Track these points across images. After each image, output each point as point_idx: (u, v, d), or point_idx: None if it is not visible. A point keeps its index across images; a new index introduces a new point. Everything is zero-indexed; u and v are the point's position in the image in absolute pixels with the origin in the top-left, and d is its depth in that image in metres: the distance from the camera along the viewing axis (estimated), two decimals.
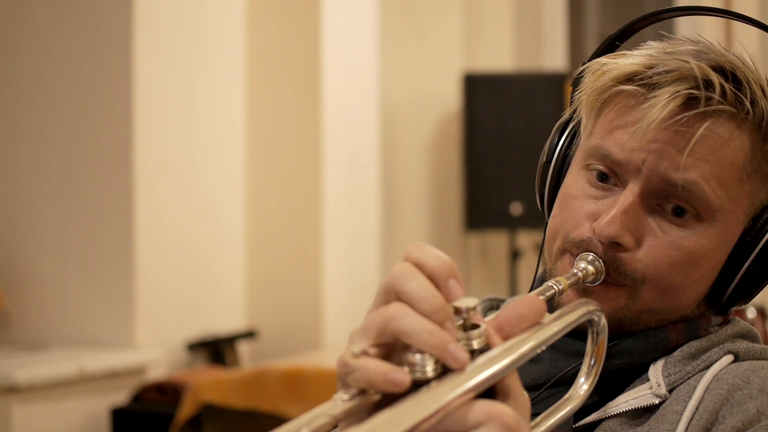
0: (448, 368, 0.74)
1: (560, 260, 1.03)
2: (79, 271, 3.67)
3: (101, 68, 3.65)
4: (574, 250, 1.01)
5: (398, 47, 4.77)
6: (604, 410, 0.99)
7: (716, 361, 1.01)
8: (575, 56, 4.90)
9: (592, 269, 0.99)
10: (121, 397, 3.49)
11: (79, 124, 3.69)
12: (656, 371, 1.01)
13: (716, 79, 0.96)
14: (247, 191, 4.15)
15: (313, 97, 4.08)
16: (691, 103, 0.97)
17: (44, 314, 3.72)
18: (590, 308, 0.92)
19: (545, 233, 1.08)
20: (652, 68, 0.98)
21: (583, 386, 0.93)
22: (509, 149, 4.48)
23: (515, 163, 4.44)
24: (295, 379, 3.30)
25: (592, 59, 1.09)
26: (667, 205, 0.99)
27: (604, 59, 1.03)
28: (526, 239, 4.70)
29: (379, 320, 0.76)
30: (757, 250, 1.02)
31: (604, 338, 0.94)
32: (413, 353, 0.74)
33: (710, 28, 3.94)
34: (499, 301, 1.19)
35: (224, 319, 4.02)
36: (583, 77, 1.06)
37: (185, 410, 3.27)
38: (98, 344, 3.61)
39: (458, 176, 4.67)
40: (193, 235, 3.87)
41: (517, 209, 4.43)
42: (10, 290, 3.76)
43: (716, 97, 0.96)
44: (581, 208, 1.02)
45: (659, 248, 0.99)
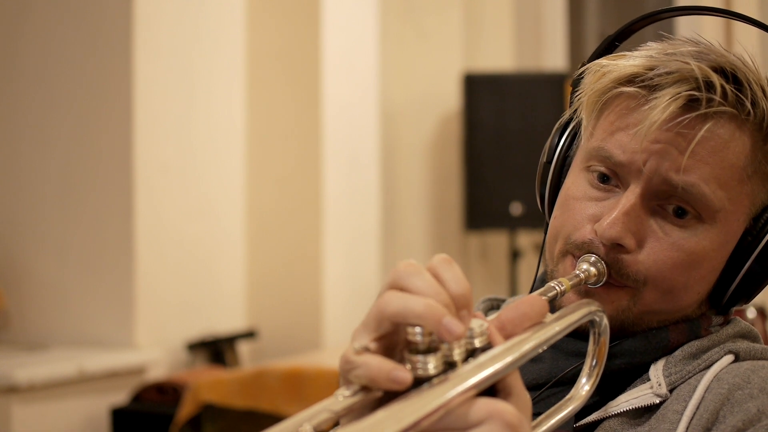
0: (449, 366, 0.74)
1: (562, 262, 1.03)
2: (79, 271, 3.67)
3: (101, 68, 3.65)
4: (576, 251, 1.01)
5: (398, 47, 4.77)
6: (604, 410, 0.99)
7: (717, 360, 1.01)
8: (575, 56, 4.90)
9: (594, 270, 0.99)
10: (121, 397, 3.49)
11: (79, 124, 3.69)
12: (657, 371, 1.01)
13: (717, 80, 0.96)
14: (247, 191, 4.15)
15: (313, 97, 4.08)
16: (692, 104, 0.96)
17: (44, 314, 3.72)
18: (592, 309, 0.92)
19: (546, 234, 1.08)
20: (652, 70, 0.98)
21: (584, 386, 0.93)
22: (509, 149, 4.48)
23: (515, 163, 4.44)
24: (295, 379, 3.30)
25: (591, 59, 1.09)
26: (668, 206, 0.99)
27: (604, 61, 1.03)
28: (526, 239, 4.70)
29: (375, 310, 0.76)
30: (758, 250, 1.02)
31: (605, 339, 0.94)
32: (415, 351, 0.74)
33: (710, 28, 3.94)
34: (499, 301, 1.19)
35: (224, 319, 4.02)
36: (582, 78, 1.06)
37: (185, 410, 3.27)
38: (98, 344, 3.61)
39: (458, 176, 4.67)
40: (193, 235, 3.86)
41: (517, 209, 4.43)
42: (10, 290, 3.76)
43: (717, 98, 0.96)
44: (583, 209, 1.02)
45: (661, 249, 0.99)
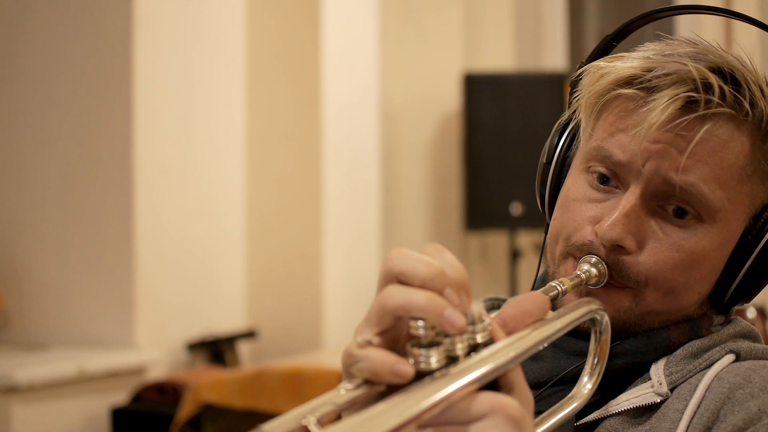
0: (452, 360, 0.74)
1: (563, 264, 1.03)
2: (79, 271, 3.67)
3: (101, 68, 3.65)
4: (576, 253, 1.01)
5: (398, 47, 4.77)
6: (605, 408, 1.00)
7: (718, 360, 1.01)
8: (575, 56, 4.90)
9: (595, 271, 0.99)
10: (121, 397, 3.49)
11: (79, 124, 3.69)
12: (658, 370, 1.01)
13: (715, 81, 0.96)
14: (247, 191, 4.15)
15: (313, 97, 4.08)
16: (690, 106, 0.97)
17: (44, 314, 3.72)
18: (593, 307, 0.93)
19: (546, 235, 1.08)
20: (650, 71, 0.98)
21: (586, 385, 0.93)
22: (509, 149, 4.48)
23: (515, 163, 4.44)
24: (295, 379, 3.30)
25: (589, 59, 1.09)
26: (668, 206, 0.99)
27: (602, 62, 1.03)
28: (526, 239, 4.70)
29: (376, 305, 0.76)
30: (758, 249, 1.02)
31: (607, 337, 0.94)
32: (418, 345, 0.74)
33: (710, 27, 3.94)
34: (500, 300, 1.20)
35: (224, 319, 4.02)
36: (581, 79, 1.06)
37: (185, 410, 3.27)
38: (98, 344, 3.61)
39: (458, 176, 4.67)
40: (193, 235, 3.86)
41: (517, 209, 4.43)
42: (10, 290, 3.76)
43: (715, 99, 0.96)
44: (583, 211, 1.02)
45: (661, 250, 0.99)
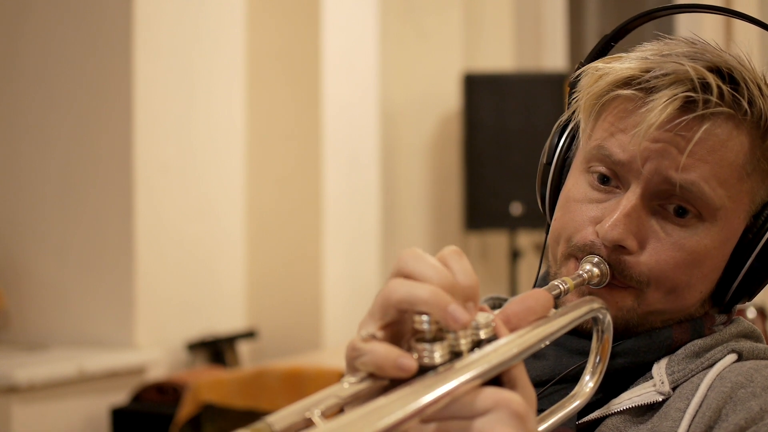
0: (455, 355, 0.74)
1: (565, 265, 1.03)
2: (79, 271, 3.67)
3: (101, 68, 3.65)
4: (578, 254, 1.02)
5: (398, 47, 4.77)
6: (607, 407, 1.00)
7: (720, 359, 1.01)
8: (575, 56, 4.90)
9: (597, 271, 0.99)
10: (121, 397, 3.49)
11: (79, 124, 3.69)
12: (660, 369, 1.01)
13: (713, 80, 0.96)
14: (247, 191, 4.15)
15: (313, 97, 4.07)
16: (688, 106, 0.97)
17: (44, 314, 3.72)
18: (594, 306, 0.93)
19: (547, 235, 1.08)
20: (648, 72, 0.98)
21: (588, 383, 0.93)
22: (509, 149, 4.48)
23: (515, 163, 4.44)
24: (295, 379, 3.30)
25: (588, 59, 1.09)
26: (669, 205, 0.99)
27: (600, 64, 1.03)
28: (526, 239, 4.70)
29: (380, 298, 0.76)
30: (759, 247, 1.02)
31: (609, 336, 0.94)
32: (421, 340, 0.74)
33: (710, 26, 3.94)
34: (501, 300, 1.20)
35: (224, 319, 4.02)
36: (579, 80, 1.06)
37: (185, 410, 3.27)
38: (98, 344, 3.61)
39: (458, 176, 4.67)
40: (193, 235, 3.86)
41: (517, 209, 4.43)
42: (10, 290, 3.76)
43: (714, 99, 0.96)
44: (584, 211, 1.02)
45: (663, 249, 0.99)
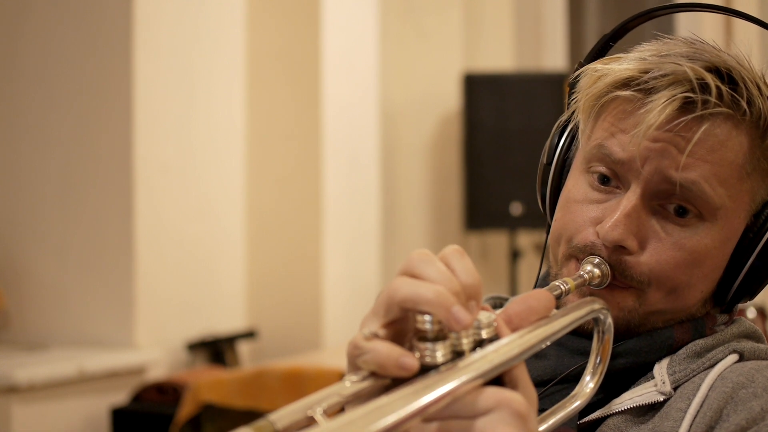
0: (457, 355, 0.74)
1: (566, 266, 1.03)
2: (79, 271, 3.67)
3: (101, 68, 3.65)
4: (579, 255, 1.02)
5: (398, 47, 4.76)
6: (608, 407, 1.00)
7: (721, 359, 1.01)
8: (575, 56, 4.90)
9: (598, 272, 0.99)
10: (121, 397, 3.49)
11: (79, 124, 3.69)
12: (661, 369, 1.01)
13: (711, 81, 0.96)
14: (247, 191, 4.15)
15: (313, 97, 4.07)
16: (687, 106, 0.97)
17: (44, 314, 3.72)
18: (595, 306, 0.93)
19: (548, 235, 1.08)
20: (647, 73, 0.98)
21: (588, 384, 0.93)
22: (509, 149, 4.48)
23: (515, 163, 4.44)
24: (295, 379, 3.29)
25: (587, 59, 1.09)
26: (669, 205, 0.99)
27: (598, 65, 1.03)
28: (526, 239, 4.70)
29: (384, 296, 0.76)
30: (759, 246, 1.02)
31: (609, 337, 0.94)
32: (424, 339, 0.74)
33: (710, 25, 3.94)
34: (502, 299, 1.20)
35: (224, 319, 4.02)
36: (578, 80, 1.06)
37: (185, 410, 3.27)
38: (98, 344, 3.61)
39: (458, 176, 4.67)
40: (193, 235, 3.86)
41: (517, 209, 4.43)
42: (10, 290, 3.76)
43: (713, 99, 0.96)
44: (584, 212, 1.02)
45: (663, 249, 0.99)
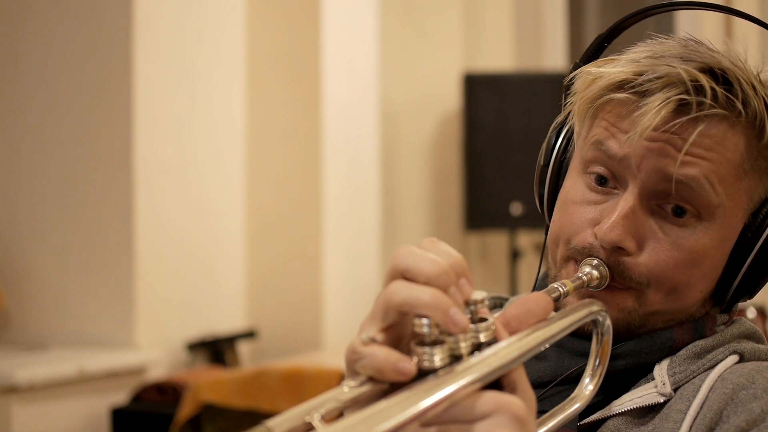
0: (456, 359, 0.74)
1: (565, 267, 1.03)
2: (79, 271, 3.67)
3: (101, 68, 3.65)
4: (577, 256, 1.02)
5: (398, 47, 4.76)
6: (608, 408, 1.00)
7: (721, 360, 1.01)
8: (575, 56, 4.88)
9: (596, 273, 0.99)
10: (121, 397, 3.49)
11: (79, 124, 3.69)
12: (661, 370, 1.01)
13: (706, 82, 0.96)
14: (247, 191, 4.15)
15: (313, 97, 4.07)
16: (682, 108, 0.96)
17: (44, 314, 3.72)
18: (594, 309, 0.93)
19: (546, 236, 1.08)
20: (641, 75, 0.98)
21: (588, 386, 0.93)
22: (509, 149, 4.48)
23: (515, 163, 4.43)
24: (295, 379, 3.30)
25: (583, 59, 1.09)
26: (666, 205, 0.99)
27: (592, 68, 1.03)
28: (526, 239, 4.70)
29: (381, 300, 0.77)
30: (758, 244, 1.02)
31: (608, 339, 0.94)
32: (421, 343, 0.74)
33: (710, 23, 3.94)
34: (502, 299, 1.20)
35: (224, 319, 4.02)
36: (573, 82, 1.06)
37: (185, 410, 3.27)
38: (98, 344, 3.61)
39: (458, 176, 4.67)
40: (193, 235, 3.86)
41: (517, 209, 4.43)
42: (10, 290, 3.76)
43: (708, 101, 0.96)
44: (582, 214, 1.02)
45: (661, 250, 0.99)
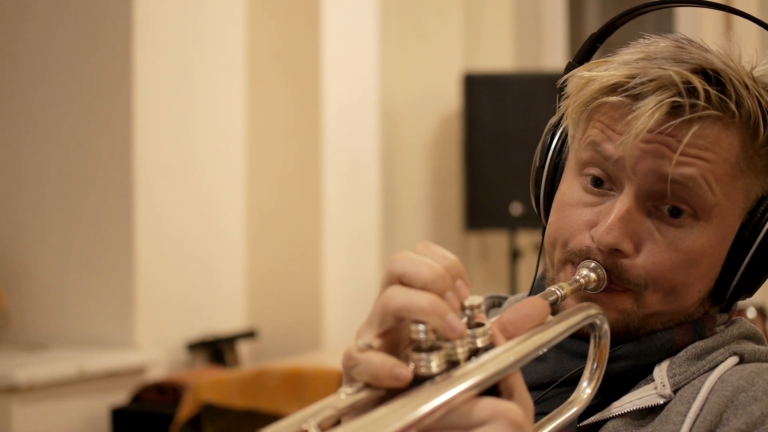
0: (452, 365, 0.74)
1: (562, 270, 1.03)
2: (79, 271, 3.67)
3: (101, 68, 3.65)
4: (575, 259, 1.01)
5: (398, 47, 4.76)
6: (608, 410, 0.99)
7: (721, 362, 1.01)
8: None
9: (594, 276, 0.99)
10: (121, 397, 3.49)
11: (79, 124, 3.69)
12: (661, 372, 1.01)
13: (699, 84, 0.96)
14: (247, 191, 4.15)
15: (313, 97, 4.07)
16: (675, 110, 0.96)
17: (44, 314, 3.72)
18: (591, 312, 0.93)
19: (543, 237, 1.08)
20: (633, 78, 0.97)
21: (586, 389, 0.93)
22: (509, 149, 4.47)
23: (515, 163, 4.43)
24: (295, 379, 3.30)
25: (576, 59, 1.09)
26: (663, 206, 0.99)
27: (585, 72, 1.02)
28: (526, 239, 4.70)
29: (378, 306, 0.76)
30: (756, 243, 1.02)
31: (606, 342, 0.94)
32: (418, 349, 0.74)
33: (709, 22, 3.94)
34: (501, 298, 1.20)
35: (224, 319, 4.02)
36: (566, 84, 1.06)
37: (185, 410, 3.27)
38: (98, 344, 3.61)
39: (458, 176, 4.67)
40: (193, 235, 3.86)
41: (517, 209, 4.43)
42: (10, 290, 3.76)
43: (701, 103, 0.96)
44: (578, 216, 1.02)
45: (659, 251, 0.99)
